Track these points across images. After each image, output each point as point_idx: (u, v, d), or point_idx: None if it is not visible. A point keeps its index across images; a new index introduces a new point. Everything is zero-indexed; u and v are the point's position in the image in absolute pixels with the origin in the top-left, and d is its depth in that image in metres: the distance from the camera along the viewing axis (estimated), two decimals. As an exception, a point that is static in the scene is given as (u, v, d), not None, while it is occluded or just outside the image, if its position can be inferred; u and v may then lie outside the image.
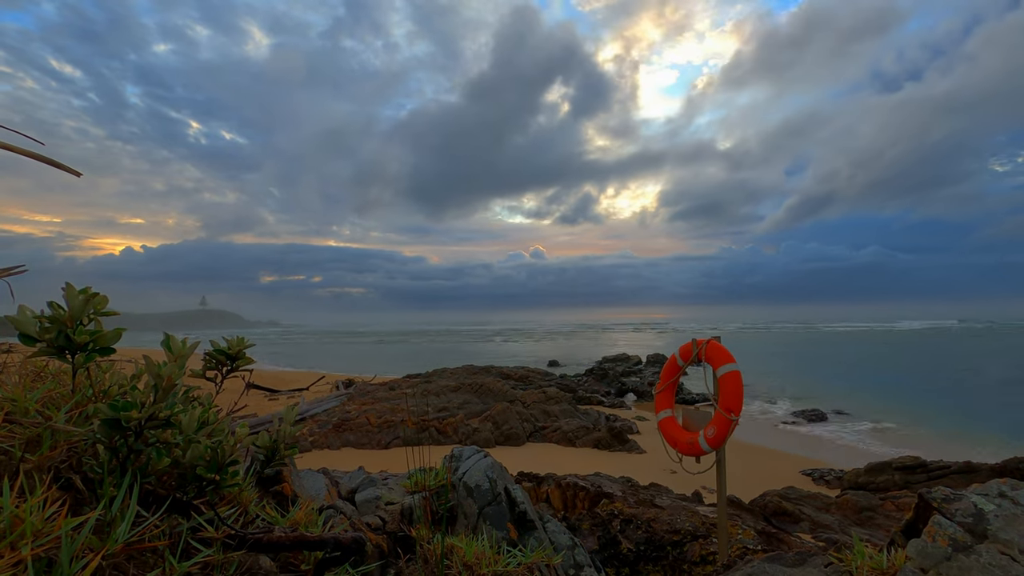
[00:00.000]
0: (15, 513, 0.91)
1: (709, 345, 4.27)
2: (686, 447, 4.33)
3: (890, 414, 23.04)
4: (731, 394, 3.98)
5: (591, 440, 17.03)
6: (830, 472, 14.03)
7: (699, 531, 5.14)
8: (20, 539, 0.90)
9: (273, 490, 2.09)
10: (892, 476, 12.45)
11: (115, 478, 1.18)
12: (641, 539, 5.15)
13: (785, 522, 8.93)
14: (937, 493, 2.46)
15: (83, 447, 1.22)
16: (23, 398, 1.15)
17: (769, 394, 28.21)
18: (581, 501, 7.24)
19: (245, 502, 1.54)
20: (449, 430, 17.71)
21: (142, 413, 1.16)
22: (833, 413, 23.29)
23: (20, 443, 1.10)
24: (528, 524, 3.36)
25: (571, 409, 20.25)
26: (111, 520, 1.09)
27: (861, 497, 10.23)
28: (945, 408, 24.26)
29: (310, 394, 26.11)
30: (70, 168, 1.11)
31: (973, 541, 2.13)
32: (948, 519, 2.26)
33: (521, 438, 17.70)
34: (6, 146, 0.96)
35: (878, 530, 8.76)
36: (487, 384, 22.74)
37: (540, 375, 30.30)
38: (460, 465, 3.57)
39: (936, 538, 2.18)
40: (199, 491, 1.37)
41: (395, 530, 2.83)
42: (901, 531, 2.54)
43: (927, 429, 20.18)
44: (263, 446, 1.77)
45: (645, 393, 27.86)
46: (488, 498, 3.31)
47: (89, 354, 1.20)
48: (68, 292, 1.11)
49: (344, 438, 17.12)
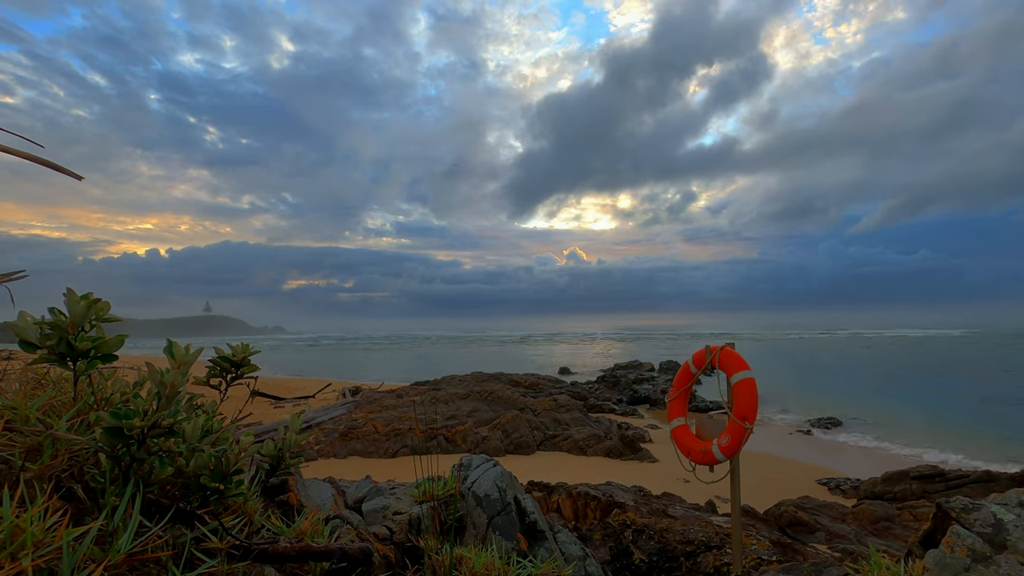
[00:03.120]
0: (15, 523, 0.91)
1: (723, 352, 4.22)
2: (699, 456, 4.27)
3: (909, 422, 22.70)
4: (745, 402, 3.92)
5: (602, 449, 16.91)
6: (846, 481, 13.88)
7: (713, 541, 5.06)
8: (21, 550, 0.89)
9: (278, 500, 2.08)
10: (909, 485, 12.28)
11: (117, 488, 1.17)
12: (654, 550, 5.08)
13: (800, 532, 8.82)
14: (955, 503, 2.42)
15: (85, 456, 1.21)
16: (24, 406, 1.14)
17: (785, 402, 27.89)
18: (592, 511, 7.17)
19: (250, 512, 1.53)
20: (458, 438, 17.65)
21: (145, 421, 1.14)
22: (850, 421, 22.98)
23: (21, 452, 1.09)
24: (538, 534, 3.32)
25: (582, 417, 20.12)
26: (113, 530, 1.08)
27: (878, 507, 10.10)
28: (965, 416, 23.86)
29: (316, 402, 26.09)
30: (71, 171, 1.11)
31: (992, 552, 2.10)
32: (967, 529, 2.23)
33: (531, 447, 17.60)
34: (6, 149, 0.95)
35: (895, 540, 8.63)
36: (496, 392, 22.69)
37: (551, 382, 30.21)
38: (469, 474, 3.54)
39: (955, 548, 2.15)
40: (203, 501, 1.35)
41: (403, 540, 2.80)
42: (919, 542, 2.50)
43: (945, 437, 19.85)
44: (268, 455, 1.76)
45: (658, 401, 27.66)
46: (498, 508, 3.28)
47: (91, 361, 1.19)
48: (69, 298, 1.10)
49: (351, 447, 17.08)
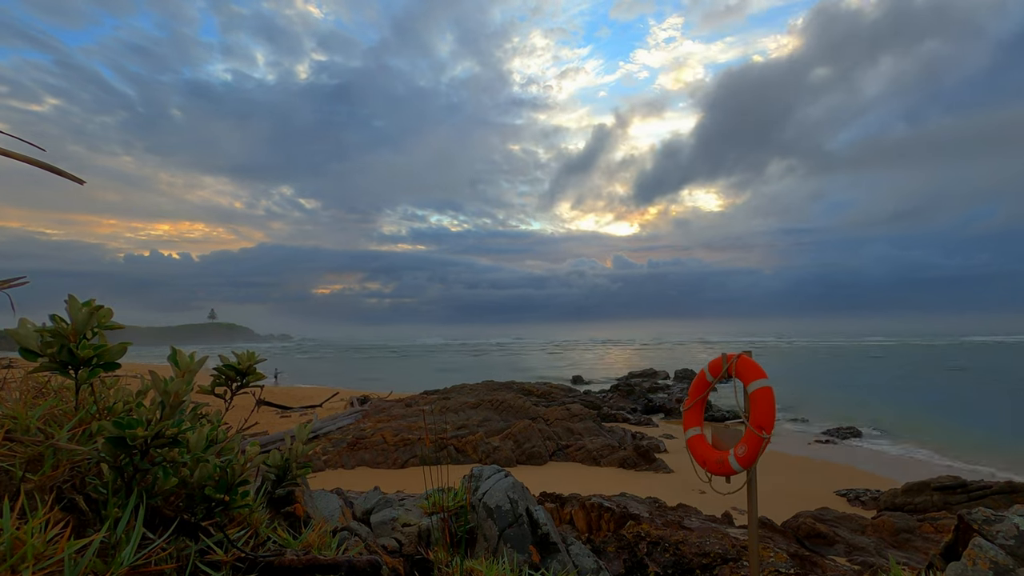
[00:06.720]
0: (16, 535, 0.90)
1: (739, 360, 4.15)
2: (716, 466, 4.19)
3: (930, 432, 22.29)
4: (763, 411, 3.85)
5: (616, 459, 16.74)
6: (866, 492, 13.64)
7: (729, 554, 4.97)
8: (21, 562, 0.89)
9: (285, 511, 2.06)
10: (931, 497, 12.05)
11: (120, 499, 1.16)
12: (669, 562, 4.99)
13: (819, 544, 8.67)
14: (978, 514, 2.38)
15: (87, 466, 1.20)
16: (24, 415, 1.13)
17: (804, 411, 27.49)
18: (606, 523, 7.08)
19: (256, 524, 1.51)
20: (468, 448, 17.55)
21: (148, 431, 1.13)
22: (870, 430, 22.61)
23: (21, 462, 1.08)
24: (551, 547, 3.27)
25: (595, 427, 19.95)
26: (116, 542, 1.07)
27: (898, 518, 9.91)
28: (988, 426, 23.37)
29: (324, 411, 25.78)
30: (73, 175, 1.10)
31: (1015, 564, 2.07)
32: (989, 541, 2.20)
33: (543, 457, 17.46)
34: (7, 153, 0.95)
35: (916, 553, 8.47)
36: (508, 401, 22.57)
37: (563, 391, 29.97)
38: (480, 485, 3.51)
39: (977, 561, 2.12)
40: (208, 512, 1.34)
41: (412, 553, 2.76)
42: (940, 554, 2.47)
43: (967, 447, 19.44)
44: (274, 465, 1.74)
45: (673, 410, 27.39)
46: (509, 519, 3.23)
47: (93, 369, 1.18)
48: (71, 305, 1.09)
49: (359, 457, 17.00)
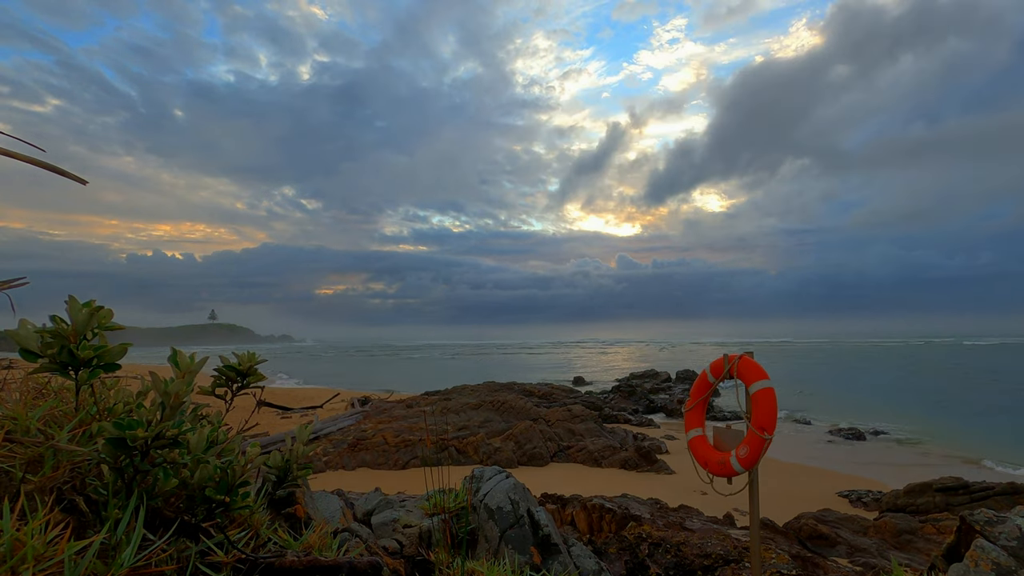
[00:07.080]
0: (16, 536, 0.90)
1: (741, 361, 4.14)
2: (717, 467, 4.19)
3: (932, 433, 22.31)
4: (764, 412, 3.84)
5: (618, 460, 16.73)
6: (868, 493, 13.64)
7: (731, 555, 4.96)
8: (21, 564, 0.89)
9: (285, 512, 2.05)
10: (933, 498, 12.03)
11: (120, 500, 1.15)
12: (670, 563, 4.98)
13: (821, 546, 8.66)
14: (980, 515, 2.38)
15: (87, 467, 1.20)
16: (24, 416, 1.13)
17: (806, 411, 27.46)
18: (608, 524, 7.07)
19: (256, 525, 1.51)
20: (470, 449, 17.55)
21: (148, 432, 1.13)
22: (872, 431, 22.60)
23: (21, 463, 1.08)
24: (552, 548, 3.26)
25: (597, 428, 19.95)
26: (116, 544, 1.07)
27: (900, 520, 9.91)
28: (991, 427, 23.32)
29: (324, 412, 25.77)
30: (76, 176, 1.10)
31: (1018, 566, 2.07)
32: (991, 543, 2.20)
33: (545, 458, 17.46)
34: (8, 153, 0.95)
35: (918, 554, 8.47)
36: (509, 402, 22.57)
37: (564, 392, 29.95)
38: (481, 486, 3.50)
39: (979, 563, 2.12)
40: (208, 513, 1.33)
41: (413, 554, 2.76)
42: (942, 555, 2.47)
43: (970, 449, 19.40)
44: (275, 466, 1.74)
45: (674, 411, 27.37)
46: (510, 521, 3.23)
47: (93, 370, 1.18)
48: (71, 305, 1.08)
49: (360, 458, 17.01)
